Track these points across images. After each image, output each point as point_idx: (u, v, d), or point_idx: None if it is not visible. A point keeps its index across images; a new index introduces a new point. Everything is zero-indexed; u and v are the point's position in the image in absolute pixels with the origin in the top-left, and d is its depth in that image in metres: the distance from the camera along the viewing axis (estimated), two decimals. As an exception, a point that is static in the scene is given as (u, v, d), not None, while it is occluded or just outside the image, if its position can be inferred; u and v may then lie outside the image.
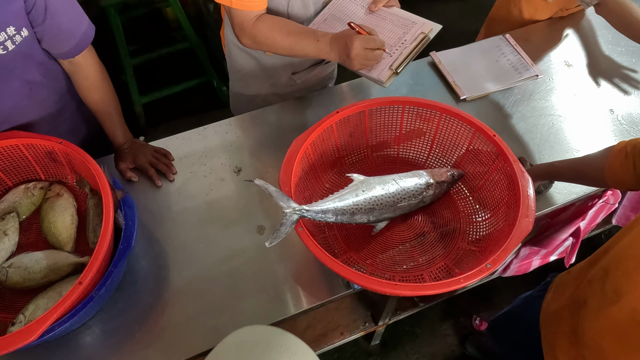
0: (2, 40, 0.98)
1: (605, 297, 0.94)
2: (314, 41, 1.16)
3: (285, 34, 1.17)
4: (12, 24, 0.98)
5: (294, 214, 0.93)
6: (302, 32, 1.18)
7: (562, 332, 1.07)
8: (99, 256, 0.90)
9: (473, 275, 0.85)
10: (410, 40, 1.21)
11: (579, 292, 1.04)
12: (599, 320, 0.95)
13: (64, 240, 1.10)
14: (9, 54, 1.02)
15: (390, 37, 1.24)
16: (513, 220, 0.95)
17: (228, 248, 1.22)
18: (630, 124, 1.48)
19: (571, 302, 1.06)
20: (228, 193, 1.32)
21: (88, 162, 1.03)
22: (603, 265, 0.98)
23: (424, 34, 1.21)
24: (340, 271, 0.86)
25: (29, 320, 0.98)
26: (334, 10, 1.32)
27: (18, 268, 1.04)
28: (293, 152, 1.04)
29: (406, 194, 1.06)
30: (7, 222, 1.11)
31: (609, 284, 0.94)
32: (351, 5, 1.31)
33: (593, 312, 0.97)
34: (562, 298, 1.12)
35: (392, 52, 1.21)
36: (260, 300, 1.14)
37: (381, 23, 1.27)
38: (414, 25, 1.23)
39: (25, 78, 1.12)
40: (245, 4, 1.14)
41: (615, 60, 1.64)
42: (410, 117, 1.17)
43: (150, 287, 1.15)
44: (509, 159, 1.02)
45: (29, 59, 1.09)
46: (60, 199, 1.15)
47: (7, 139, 1.08)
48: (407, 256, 1.08)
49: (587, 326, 0.98)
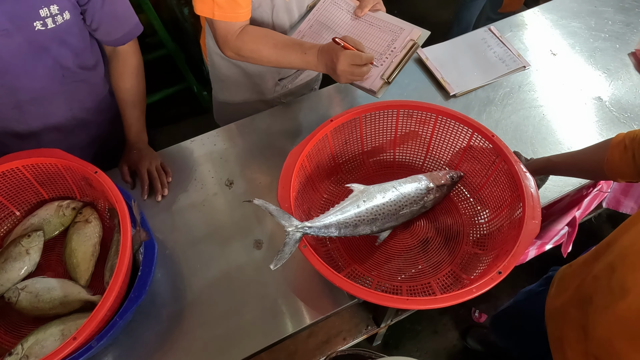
0: (43, 16, 1.00)
1: (612, 294, 0.93)
2: (301, 54, 1.13)
3: (271, 47, 1.14)
4: (57, 3, 1.01)
5: (296, 232, 0.90)
6: (289, 45, 1.15)
7: (569, 328, 1.07)
8: (100, 312, 0.87)
9: (485, 284, 0.84)
10: (399, 47, 1.19)
11: (585, 288, 1.04)
12: (607, 317, 0.95)
13: (81, 272, 1.08)
14: (47, 32, 1.03)
15: (379, 44, 1.22)
16: (519, 222, 0.93)
17: (226, 265, 1.18)
18: (619, 111, 1.48)
19: (577, 298, 1.06)
20: (222, 208, 1.28)
21: (117, 200, 1.00)
22: (608, 261, 0.98)
23: (413, 41, 1.19)
24: (351, 290, 0.84)
25: (26, 354, 0.96)
26: (319, 16, 1.29)
27: (29, 293, 1.03)
28: (289, 165, 1.01)
29: (407, 200, 1.03)
30: (32, 240, 1.09)
31: (616, 280, 0.93)
32: (336, 10, 1.28)
33: (601, 308, 0.97)
34: (566, 293, 1.12)
35: (382, 61, 1.19)
36: (264, 318, 1.10)
37: (368, 29, 1.25)
38: (402, 32, 1.21)
39: (59, 62, 1.12)
40: (228, 15, 1.10)
41: (600, 47, 1.64)
42: (405, 121, 1.14)
43: (146, 313, 1.11)
44: (509, 159, 1.00)
45: (65, 44, 1.10)
46: (88, 227, 1.13)
47: (46, 157, 1.07)
48: (413, 264, 1.06)
49: (596, 323, 0.98)
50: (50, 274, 1.12)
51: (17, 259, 1.07)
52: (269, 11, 1.20)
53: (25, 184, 1.13)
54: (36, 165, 1.08)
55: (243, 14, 1.12)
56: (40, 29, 1.02)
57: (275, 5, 1.19)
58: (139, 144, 1.30)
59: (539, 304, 1.23)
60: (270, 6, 1.19)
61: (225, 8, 1.08)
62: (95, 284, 1.10)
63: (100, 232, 1.14)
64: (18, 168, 1.08)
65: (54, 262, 1.14)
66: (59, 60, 1.12)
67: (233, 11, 1.09)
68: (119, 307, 0.98)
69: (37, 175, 1.12)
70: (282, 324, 1.10)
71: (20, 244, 1.09)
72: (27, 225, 1.13)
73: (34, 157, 1.06)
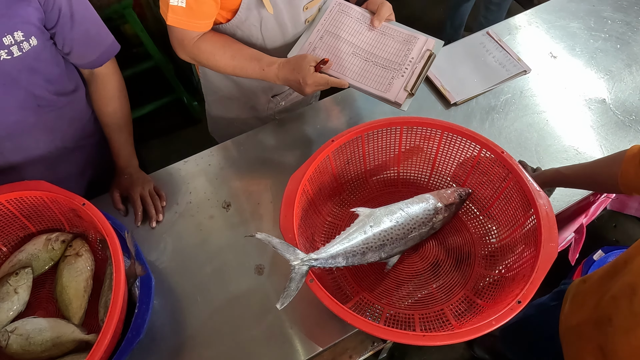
0: (7, 44, 0.94)
1: (634, 316, 0.89)
2: (259, 70, 1.11)
3: (228, 58, 1.12)
4: (21, 29, 0.95)
5: (302, 266, 0.85)
6: (247, 58, 1.12)
7: (587, 348, 1.03)
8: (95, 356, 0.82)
9: (504, 315, 0.80)
10: (417, 58, 1.17)
11: (603, 308, 1.00)
12: (629, 341, 0.91)
13: (73, 310, 1.02)
14: (14, 61, 0.97)
15: (396, 54, 1.20)
16: (535, 244, 0.89)
17: (227, 293, 1.13)
18: (624, 114, 1.44)
19: (594, 318, 1.02)
20: (219, 231, 1.22)
21: (108, 234, 0.94)
22: (628, 281, 0.94)
23: (429, 51, 1.17)
24: (368, 329, 0.79)
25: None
26: (328, 27, 1.23)
27: (20, 336, 0.97)
28: (291, 192, 0.95)
29: (415, 223, 0.98)
30: (20, 279, 1.04)
31: (638, 304, 0.89)
32: (347, 20, 1.23)
33: (622, 331, 0.93)
34: (582, 311, 1.08)
35: (402, 72, 1.17)
36: (269, 349, 1.06)
37: (383, 39, 1.22)
38: (416, 41, 1.20)
39: (32, 91, 1.06)
40: (184, 22, 1.05)
41: (600, 47, 1.60)
42: (409, 137, 1.10)
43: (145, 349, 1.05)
44: (521, 178, 0.96)
45: (36, 72, 1.04)
46: (79, 260, 1.07)
47: (31, 190, 1.01)
48: (424, 289, 1.01)
49: (617, 346, 0.94)
50: (41, 313, 1.06)
51: (5, 299, 1.01)
52: (257, 24, 1.15)
53: (10, 219, 1.07)
54: (20, 199, 1.02)
55: (201, 25, 1.08)
56: (5, 59, 0.95)
57: (263, 18, 1.14)
58: (129, 169, 1.24)
59: (551, 319, 1.20)
60: (257, 19, 1.14)
61: (181, 15, 1.04)
62: (89, 322, 1.04)
63: (92, 266, 1.08)
64: (1, 202, 1.02)
65: (45, 299, 1.09)
66: (31, 90, 1.05)
67: (189, 20, 1.05)
68: (116, 346, 0.92)
69: (22, 209, 1.06)
70: (288, 355, 1.05)
71: (7, 283, 1.03)
72: (14, 262, 1.07)
73: (17, 190, 1.00)
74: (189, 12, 1.03)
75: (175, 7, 1.02)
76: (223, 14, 1.13)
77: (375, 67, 1.20)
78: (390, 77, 1.18)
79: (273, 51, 1.23)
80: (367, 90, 1.16)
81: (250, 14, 1.12)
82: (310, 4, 1.18)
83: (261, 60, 1.11)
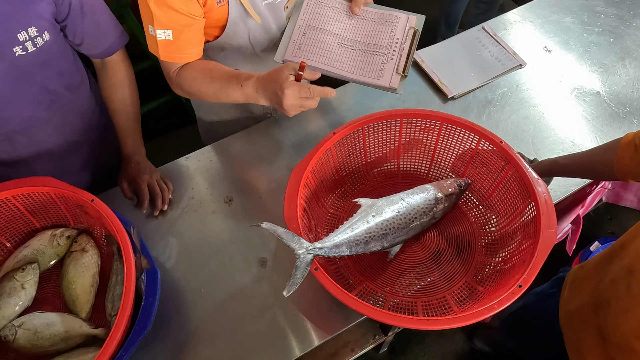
0: (22, 40, 0.96)
1: (633, 299, 0.92)
2: (238, 86, 1.04)
3: (208, 82, 1.08)
4: (35, 25, 0.96)
5: (307, 255, 0.87)
6: (225, 78, 1.06)
7: (587, 332, 1.05)
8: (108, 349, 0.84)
9: (506, 299, 0.81)
10: (402, 38, 1.15)
11: (601, 292, 1.02)
12: (627, 322, 0.93)
13: (80, 305, 1.03)
14: (29, 56, 0.99)
15: (382, 37, 1.17)
16: (534, 231, 0.91)
17: (231, 286, 1.14)
18: (618, 106, 1.47)
19: (593, 301, 1.04)
20: (222, 226, 1.23)
21: (118, 230, 0.95)
22: (625, 264, 0.96)
23: (413, 29, 1.16)
24: (372, 314, 0.80)
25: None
26: (309, 21, 1.20)
27: (27, 331, 0.97)
28: (294, 183, 0.97)
29: (417, 212, 1.00)
30: (26, 274, 1.04)
31: (636, 285, 0.91)
32: (325, 11, 1.20)
33: (620, 313, 0.95)
34: (581, 296, 1.10)
35: (391, 55, 1.14)
36: (274, 339, 1.07)
37: (366, 25, 1.19)
38: (398, 20, 1.17)
39: (46, 86, 1.08)
40: (173, 56, 1.05)
41: (594, 41, 1.63)
42: (409, 129, 1.11)
43: (150, 341, 1.06)
44: (520, 166, 0.98)
45: (49, 66, 1.06)
46: (85, 256, 1.07)
47: (38, 186, 1.02)
48: (426, 277, 1.03)
49: (615, 327, 0.96)
50: (48, 308, 1.07)
51: (11, 295, 1.02)
52: (246, 36, 1.16)
53: (15, 214, 1.08)
54: (27, 195, 1.03)
55: (192, 54, 1.07)
56: (20, 54, 0.97)
57: (250, 28, 1.14)
58: (137, 157, 1.24)
59: (551, 306, 1.22)
60: (245, 30, 1.14)
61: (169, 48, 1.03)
62: (96, 316, 1.05)
63: (99, 261, 1.09)
64: (7, 198, 1.03)
65: (50, 294, 1.09)
66: (45, 85, 1.07)
67: (178, 53, 1.05)
68: (123, 339, 0.93)
69: (28, 205, 1.07)
70: (292, 345, 1.06)
71: (14, 279, 1.03)
72: (19, 258, 1.08)
73: (24, 186, 1.01)
74: (178, 44, 1.03)
75: (164, 42, 1.02)
76: (211, 31, 1.13)
77: (364, 55, 1.17)
78: (380, 63, 1.16)
79: (264, 55, 1.24)
80: (360, 80, 1.14)
81: (237, 28, 1.12)
82: (290, 2, 1.18)
83: (239, 77, 1.04)
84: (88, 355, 0.96)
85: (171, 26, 0.99)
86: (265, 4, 1.12)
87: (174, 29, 1.00)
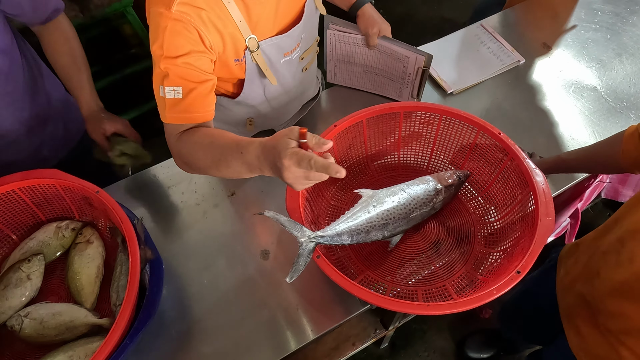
0: None
1: (620, 266, 0.94)
2: (238, 153, 0.87)
3: (207, 147, 0.92)
4: None
5: (309, 243, 0.88)
6: (226, 144, 0.90)
7: (578, 303, 1.07)
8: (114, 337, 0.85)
9: (505, 284, 0.83)
10: (413, 74, 1.31)
11: (593, 263, 1.04)
12: (614, 285, 0.95)
13: (86, 295, 1.05)
14: None
15: (396, 69, 1.33)
16: (532, 220, 0.92)
17: (233, 278, 1.15)
18: (615, 101, 1.48)
19: (585, 273, 1.06)
20: (225, 219, 1.25)
21: (123, 220, 0.97)
22: (618, 237, 0.98)
23: (420, 68, 1.27)
24: (372, 300, 0.82)
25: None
26: (337, 56, 1.39)
27: (34, 320, 0.99)
28: (296, 174, 0.98)
29: (417, 203, 1.02)
30: (32, 265, 1.06)
31: (625, 254, 0.94)
32: (346, 47, 1.35)
33: (609, 282, 0.97)
34: (575, 270, 1.12)
35: (406, 84, 1.34)
36: (276, 330, 1.08)
37: (382, 57, 1.33)
38: (408, 60, 1.28)
39: None
40: (167, 112, 0.94)
41: (591, 38, 1.64)
42: (409, 122, 1.13)
43: (154, 333, 1.08)
44: (518, 156, 0.99)
45: None
46: (89, 247, 1.09)
47: (45, 178, 1.03)
48: (426, 267, 1.05)
49: (605, 295, 0.98)
50: (53, 299, 1.09)
51: (17, 285, 1.04)
52: (261, 91, 1.16)
53: (21, 207, 1.09)
54: (33, 187, 1.05)
55: (189, 117, 0.95)
56: None
57: (265, 85, 1.15)
58: (97, 110, 1.21)
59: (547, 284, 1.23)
60: (261, 87, 1.15)
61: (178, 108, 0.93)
62: (100, 306, 1.07)
63: (103, 253, 1.11)
64: (14, 190, 1.04)
65: (56, 285, 1.11)
66: None
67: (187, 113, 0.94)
68: (128, 328, 0.95)
69: (33, 197, 1.08)
70: (294, 336, 1.08)
71: (20, 270, 1.05)
72: (25, 249, 1.10)
73: (30, 178, 1.03)
74: (187, 102, 0.93)
75: (172, 100, 0.92)
76: (226, 86, 1.13)
77: (385, 79, 1.39)
78: (399, 88, 1.38)
79: (276, 105, 1.24)
80: (384, 95, 1.42)
81: (253, 85, 1.12)
82: (305, 53, 1.19)
83: (240, 143, 0.87)
84: (93, 345, 0.98)
85: (181, 83, 0.91)
86: (284, 61, 1.12)
87: (185, 85, 0.91)
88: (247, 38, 1.00)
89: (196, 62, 0.92)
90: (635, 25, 1.67)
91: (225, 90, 1.16)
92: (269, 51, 1.06)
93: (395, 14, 3.06)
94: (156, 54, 0.92)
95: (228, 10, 0.94)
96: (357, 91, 1.49)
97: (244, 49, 1.02)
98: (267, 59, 1.07)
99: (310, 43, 1.20)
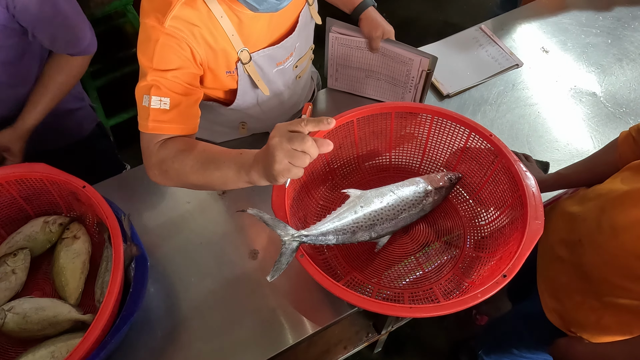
0: None
1: (602, 233, 0.94)
2: (236, 154, 0.87)
3: (197, 151, 0.91)
4: None
5: (293, 241, 0.87)
6: (219, 150, 0.90)
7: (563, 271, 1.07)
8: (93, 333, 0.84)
9: (490, 288, 0.81)
10: (417, 77, 1.28)
11: (574, 231, 1.04)
12: (602, 257, 0.96)
13: (70, 291, 1.04)
14: None
15: (399, 73, 1.30)
16: (522, 223, 0.91)
17: (221, 277, 1.14)
18: (614, 106, 1.46)
19: (567, 241, 1.06)
20: (214, 218, 1.24)
21: (107, 215, 0.96)
22: (597, 204, 0.99)
23: (424, 71, 1.25)
24: (352, 300, 0.80)
25: (12, 380, 0.93)
26: (338, 60, 1.36)
27: (17, 315, 0.98)
28: (283, 172, 0.97)
29: (406, 204, 1.00)
30: (18, 259, 1.06)
31: (606, 220, 0.94)
32: (348, 51, 1.32)
33: (593, 248, 0.97)
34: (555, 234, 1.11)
35: (409, 89, 1.32)
36: (262, 330, 1.07)
37: (386, 60, 1.30)
38: (412, 62, 1.25)
39: None
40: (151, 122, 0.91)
41: (592, 42, 1.63)
42: (401, 123, 1.12)
43: (140, 330, 1.07)
44: (508, 159, 0.98)
45: None
46: (76, 243, 1.09)
47: (31, 172, 1.03)
48: (414, 270, 1.03)
49: (591, 264, 0.98)
50: (38, 294, 1.08)
51: (2, 279, 1.03)
52: (254, 101, 1.16)
53: (8, 200, 1.09)
54: (20, 180, 1.04)
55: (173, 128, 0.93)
56: None
57: (258, 95, 1.14)
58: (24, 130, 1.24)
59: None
60: (254, 97, 1.15)
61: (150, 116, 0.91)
62: (85, 302, 1.06)
63: (89, 249, 1.10)
64: (1, 184, 1.04)
65: (41, 280, 1.10)
66: None
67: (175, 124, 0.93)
68: (111, 325, 0.94)
69: (21, 191, 1.08)
70: (281, 336, 1.06)
71: (5, 264, 1.04)
72: (11, 243, 1.09)
73: (17, 171, 1.02)
74: (172, 114, 0.92)
75: (157, 110, 0.90)
76: (217, 93, 1.12)
77: (387, 84, 1.36)
78: (401, 93, 1.35)
79: (269, 111, 1.24)
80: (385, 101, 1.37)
81: (246, 96, 1.12)
82: (299, 61, 1.19)
83: (235, 150, 0.89)
84: (75, 341, 0.97)
85: (169, 95, 0.90)
86: (276, 71, 1.12)
87: (172, 97, 0.91)
88: (239, 51, 0.99)
89: (184, 77, 0.93)
90: (637, 30, 1.65)
91: (217, 97, 1.15)
92: (261, 62, 1.06)
93: (399, 17, 3.05)
94: (144, 64, 0.92)
95: (221, 24, 0.93)
96: (353, 93, 1.48)
97: (236, 61, 1.02)
98: (259, 69, 1.07)
99: (304, 51, 1.19)
